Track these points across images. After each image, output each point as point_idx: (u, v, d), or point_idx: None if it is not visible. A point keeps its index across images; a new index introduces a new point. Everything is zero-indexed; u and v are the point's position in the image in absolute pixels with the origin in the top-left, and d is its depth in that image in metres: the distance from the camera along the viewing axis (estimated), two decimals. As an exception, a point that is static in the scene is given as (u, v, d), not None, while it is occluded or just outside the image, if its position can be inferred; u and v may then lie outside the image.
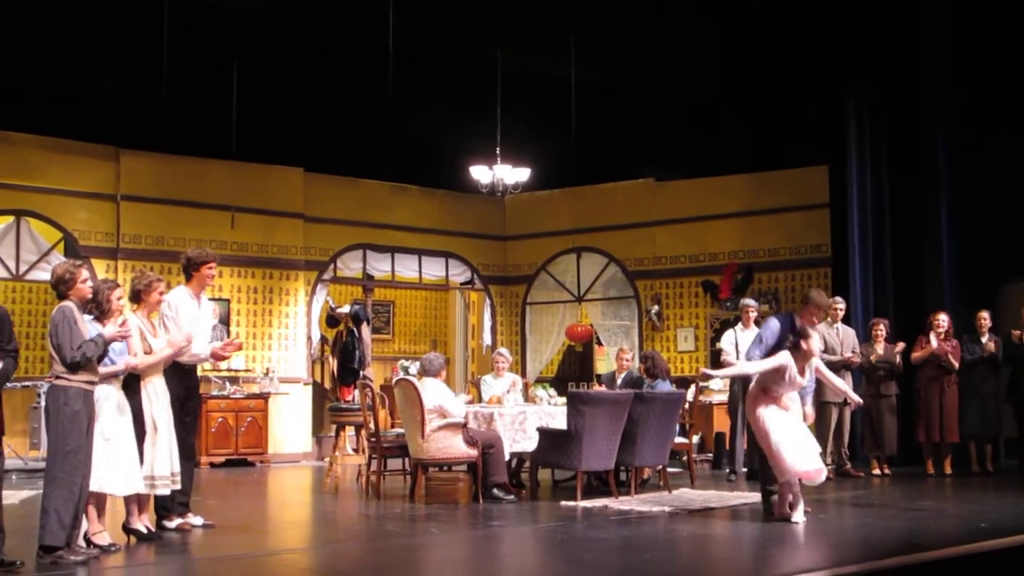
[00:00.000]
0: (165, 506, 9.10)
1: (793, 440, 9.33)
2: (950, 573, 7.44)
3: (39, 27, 13.62)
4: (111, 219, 16.28)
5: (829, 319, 13.66)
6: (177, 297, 9.28)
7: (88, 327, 7.82)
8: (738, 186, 18.01)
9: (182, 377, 9.21)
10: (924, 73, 15.07)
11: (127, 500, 8.52)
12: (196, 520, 9.29)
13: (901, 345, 13.73)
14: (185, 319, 9.17)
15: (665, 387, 12.95)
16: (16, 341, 7.74)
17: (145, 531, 8.64)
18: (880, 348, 13.73)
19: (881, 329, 13.82)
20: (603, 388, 11.69)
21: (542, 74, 16.13)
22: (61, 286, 7.80)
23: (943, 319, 13.65)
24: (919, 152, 15.19)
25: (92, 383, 7.80)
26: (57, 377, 7.65)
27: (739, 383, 13.24)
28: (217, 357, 9.77)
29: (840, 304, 13.86)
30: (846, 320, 14.05)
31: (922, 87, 15.13)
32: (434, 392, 11.25)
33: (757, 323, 13.61)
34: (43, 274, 14.98)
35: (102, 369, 7.93)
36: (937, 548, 7.97)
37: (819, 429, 13.46)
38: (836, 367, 13.37)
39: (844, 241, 15.83)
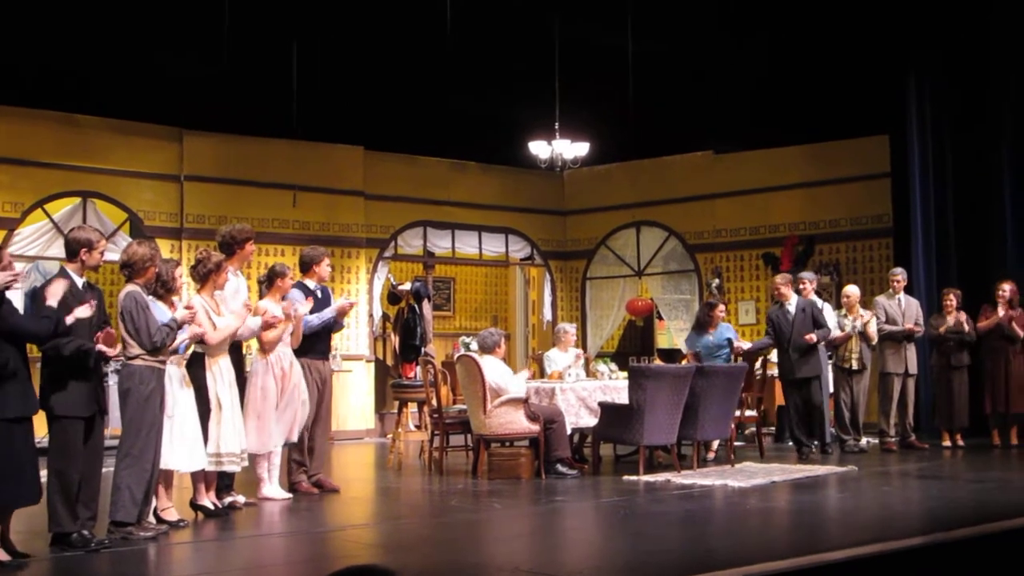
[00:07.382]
0: (225, 484, 9.18)
1: None
2: (1017, 544, 7.38)
3: (103, 10, 13.78)
4: (175, 199, 16.46)
5: (891, 290, 13.57)
6: None
7: (153, 307, 7.92)
8: (798, 157, 17.85)
9: (234, 356, 9.16)
10: (992, 38, 14.78)
11: (194, 477, 8.65)
12: (240, 499, 9.31)
13: (963, 315, 13.57)
14: (229, 295, 9.22)
15: (730, 332, 13.03)
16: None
17: (212, 507, 8.76)
18: (951, 319, 13.60)
19: (951, 299, 13.62)
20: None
21: (600, 47, 16.07)
22: (135, 267, 7.85)
23: (1007, 288, 13.49)
24: (982, 120, 14.95)
25: (163, 362, 7.92)
26: (130, 358, 7.77)
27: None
28: (266, 328, 9.51)
29: (899, 275, 13.72)
30: (908, 291, 13.90)
31: (989, 52, 14.83)
32: (491, 371, 11.29)
33: (819, 295, 13.53)
34: (110, 255, 15.08)
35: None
36: (1003, 519, 7.89)
37: (882, 400, 13.42)
38: (898, 338, 13.30)
39: (906, 211, 15.65)
